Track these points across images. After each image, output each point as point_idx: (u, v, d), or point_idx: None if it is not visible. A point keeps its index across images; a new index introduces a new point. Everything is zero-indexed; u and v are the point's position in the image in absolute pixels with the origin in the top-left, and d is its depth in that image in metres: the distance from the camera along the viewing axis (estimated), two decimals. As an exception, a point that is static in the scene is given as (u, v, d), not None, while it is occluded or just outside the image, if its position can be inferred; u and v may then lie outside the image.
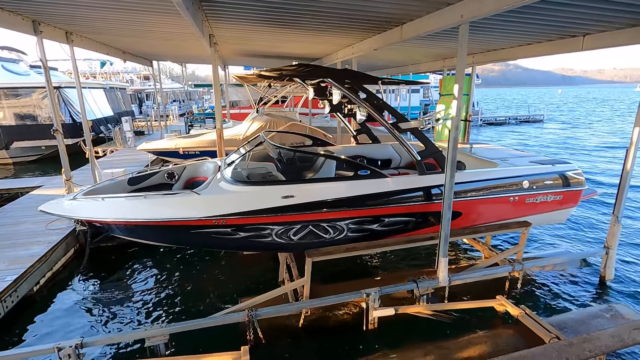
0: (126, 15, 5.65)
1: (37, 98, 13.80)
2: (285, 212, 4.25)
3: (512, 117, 30.78)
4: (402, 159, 6.58)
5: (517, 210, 5.09)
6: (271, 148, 5.06)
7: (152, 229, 4.38)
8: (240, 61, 15.83)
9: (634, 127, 4.53)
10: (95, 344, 3.59)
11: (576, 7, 3.82)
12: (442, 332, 4.14)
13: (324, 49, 8.86)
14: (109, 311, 4.74)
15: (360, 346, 4.04)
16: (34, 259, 5.05)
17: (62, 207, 4.58)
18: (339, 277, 5.30)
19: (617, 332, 3.37)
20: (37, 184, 9.09)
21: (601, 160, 14.95)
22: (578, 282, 5.36)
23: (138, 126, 19.49)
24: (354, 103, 5.07)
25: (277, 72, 4.73)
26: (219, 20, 5.75)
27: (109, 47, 9.44)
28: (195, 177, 5.79)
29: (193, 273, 5.64)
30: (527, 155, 6.08)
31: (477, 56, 7.87)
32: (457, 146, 3.97)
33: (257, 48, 9.50)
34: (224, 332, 3.98)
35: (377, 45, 6.10)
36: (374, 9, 4.49)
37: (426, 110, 26.11)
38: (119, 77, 32.45)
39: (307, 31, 6.29)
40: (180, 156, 9.85)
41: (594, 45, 5.10)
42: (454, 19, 3.74)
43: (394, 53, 9.29)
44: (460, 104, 3.89)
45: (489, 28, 5.18)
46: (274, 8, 4.74)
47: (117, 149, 14.20)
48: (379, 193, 4.47)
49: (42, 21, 5.89)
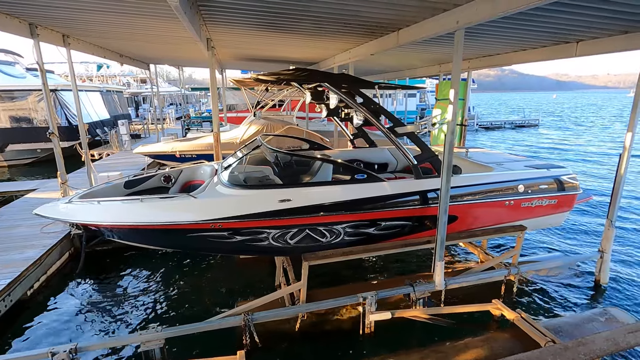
0: (123, 19, 5.66)
1: (33, 101, 13.73)
2: (282, 216, 4.25)
3: (508, 121, 31.02)
4: (399, 163, 6.60)
5: (513, 214, 5.12)
6: (268, 152, 5.07)
7: (148, 233, 4.36)
8: (238, 65, 15.87)
9: (627, 133, 4.59)
10: (89, 349, 3.56)
11: (569, 14, 3.88)
12: (438, 336, 4.14)
13: (321, 54, 8.91)
14: (104, 315, 4.70)
15: (357, 350, 4.04)
16: (28, 263, 5.01)
17: (57, 210, 4.55)
18: (336, 281, 5.30)
19: (612, 335, 3.39)
20: (32, 187, 9.03)
21: (595, 165, 15.08)
22: (573, 286, 5.39)
23: (134, 129, 19.41)
24: (351, 107, 5.10)
25: (275, 76, 4.74)
26: (217, 25, 5.77)
27: (106, 50, 9.44)
28: (192, 180, 5.78)
29: (189, 277, 5.61)
30: (522, 159, 6.12)
31: (473, 61, 7.94)
32: (453, 150, 4.00)
33: (254, 52, 9.53)
34: (220, 337, 3.96)
35: (373, 50, 6.14)
36: (370, 14, 4.53)
37: (422, 114, 26.28)
38: (116, 80, 32.42)
39: (304, 36, 6.32)
40: (177, 159, 9.83)
41: (587, 51, 5.18)
42: (449, 24, 3.78)
43: (391, 58, 9.36)
44: (456, 108, 3.92)
45: (484, 34, 5.24)
46: (272, 13, 4.77)
47: (113, 152, 14.14)
48: (375, 197, 4.48)
49: (39, 24, 5.88)
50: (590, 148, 19.60)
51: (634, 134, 4.51)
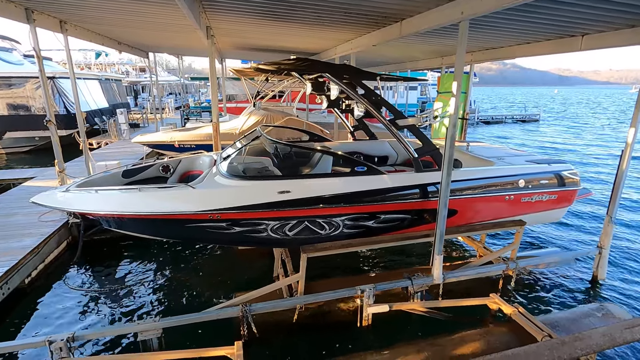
0: (122, 5, 5.55)
1: (31, 88, 13.59)
2: (281, 208, 4.23)
3: (509, 116, 30.94)
4: (399, 156, 6.57)
5: (513, 208, 5.11)
6: (268, 143, 5.02)
7: (146, 222, 4.34)
8: (238, 54, 15.70)
9: (630, 128, 4.54)
10: (86, 338, 3.56)
11: (576, 7, 3.81)
12: (435, 329, 4.15)
13: (323, 44, 8.80)
14: (101, 304, 4.70)
15: (354, 342, 4.05)
16: (25, 251, 4.99)
17: (55, 199, 4.52)
18: (334, 274, 5.31)
19: (609, 331, 3.40)
20: (30, 175, 8.99)
21: (596, 161, 15.05)
22: (571, 281, 5.41)
23: (133, 118, 19.30)
24: (352, 99, 5.05)
25: (275, 65, 4.67)
26: (217, 12, 5.67)
27: (105, 37, 9.30)
28: (191, 170, 5.74)
29: (187, 267, 5.61)
30: (523, 154, 6.09)
31: (476, 54, 7.84)
32: (454, 144, 3.96)
33: (254, 41, 9.41)
34: (218, 327, 3.97)
35: (376, 40, 6.05)
36: (373, 4, 4.45)
37: (424, 107, 26.13)
38: (115, 68, 32.08)
39: (305, 25, 6.22)
40: (176, 149, 9.78)
41: (592, 45, 5.10)
42: (454, 15, 3.71)
43: (393, 49, 9.24)
44: (458, 101, 3.88)
45: (488, 26, 5.15)
46: (273, 1, 4.68)
47: (111, 141, 14.06)
48: (375, 190, 4.46)
49: (35, 9, 5.76)
50: (591, 146, 19.56)
51: (637, 129, 4.47)
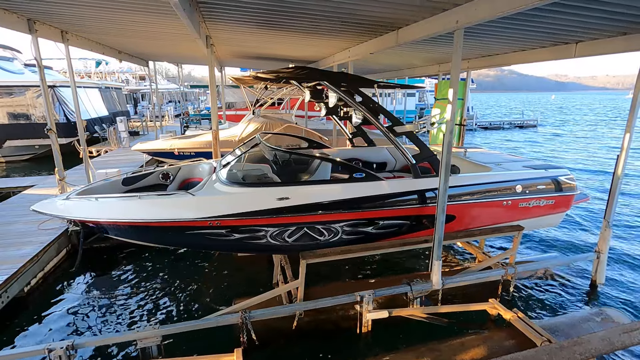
0: (122, 15, 5.64)
1: (31, 97, 13.67)
2: (280, 214, 4.25)
3: (507, 122, 31.10)
4: (397, 162, 6.61)
5: (510, 214, 5.14)
6: (267, 150, 5.06)
7: (146, 230, 4.35)
8: (237, 63, 15.83)
9: (625, 133, 4.60)
10: (86, 346, 3.55)
11: (568, 15, 3.89)
12: (435, 335, 4.15)
13: (321, 52, 8.89)
14: (101, 312, 4.70)
15: (354, 348, 4.05)
16: (25, 260, 4.99)
17: (54, 207, 4.54)
18: (333, 280, 5.31)
19: (607, 335, 3.41)
20: (30, 184, 9.00)
21: (592, 166, 15.11)
22: (569, 286, 5.42)
23: (133, 126, 19.37)
24: (350, 106, 5.10)
25: (274, 74, 4.74)
26: (216, 22, 5.76)
27: (105, 46, 9.40)
28: (190, 178, 5.77)
29: (187, 274, 5.61)
30: (520, 159, 6.13)
31: (472, 61, 7.95)
32: (452, 150, 4.00)
33: (253, 50, 9.51)
34: (218, 334, 3.96)
35: (373, 49, 6.14)
36: (370, 13, 4.53)
37: (421, 114, 26.29)
38: (115, 76, 32.26)
39: (303, 34, 6.31)
40: (176, 157, 9.82)
41: (586, 52, 5.19)
42: (449, 24, 3.78)
43: (390, 57, 9.35)
44: (455, 108, 3.93)
45: (483, 34, 5.24)
46: (271, 11, 4.76)
47: (111, 149, 14.10)
48: (373, 196, 4.49)
49: (38, 20, 5.85)
50: (587, 151, 19.64)
51: (632, 134, 4.53)
